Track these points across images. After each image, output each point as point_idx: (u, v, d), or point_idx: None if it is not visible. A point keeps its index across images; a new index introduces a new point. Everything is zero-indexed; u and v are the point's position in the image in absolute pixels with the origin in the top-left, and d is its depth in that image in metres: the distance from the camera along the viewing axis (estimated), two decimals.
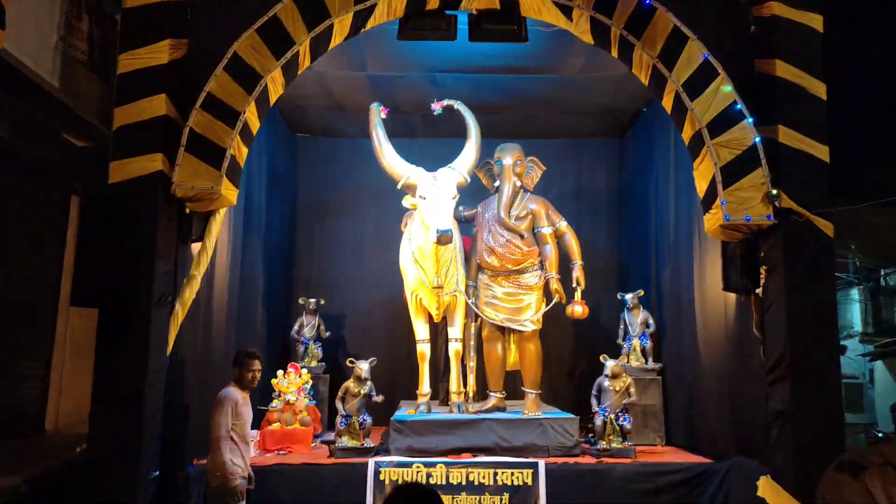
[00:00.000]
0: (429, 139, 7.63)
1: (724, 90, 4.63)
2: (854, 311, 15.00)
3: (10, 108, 4.76)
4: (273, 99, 4.93)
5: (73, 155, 5.70)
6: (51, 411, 5.98)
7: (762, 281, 4.66)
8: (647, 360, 6.41)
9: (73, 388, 6.06)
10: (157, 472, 4.39)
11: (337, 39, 4.92)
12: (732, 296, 5.08)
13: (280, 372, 6.03)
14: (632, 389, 5.57)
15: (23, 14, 4.35)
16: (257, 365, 4.25)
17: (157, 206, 4.42)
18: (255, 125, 4.85)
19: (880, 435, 10.56)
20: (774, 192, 4.50)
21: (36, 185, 5.72)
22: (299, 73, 4.98)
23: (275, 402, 5.88)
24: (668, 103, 4.94)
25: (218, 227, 4.87)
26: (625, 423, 5.45)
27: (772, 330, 4.58)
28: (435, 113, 5.96)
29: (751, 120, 4.60)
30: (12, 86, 4.47)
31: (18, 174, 5.41)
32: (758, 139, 4.57)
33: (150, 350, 4.30)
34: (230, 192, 4.68)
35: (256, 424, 5.85)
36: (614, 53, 4.99)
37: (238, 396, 4.18)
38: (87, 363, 5.15)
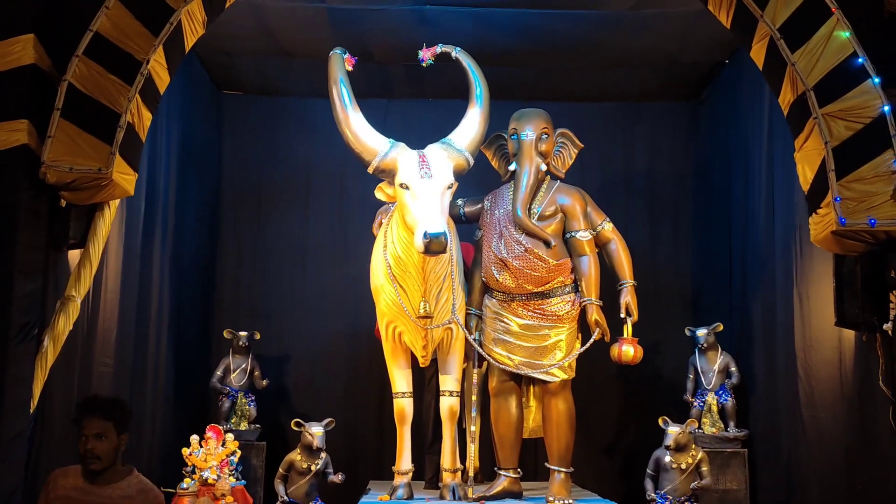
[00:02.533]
0: (414, 101, 7.69)
1: (839, 37, 4.69)
2: None
3: None
4: (190, 42, 4.99)
5: None
6: None
7: (893, 313, 4.71)
8: (727, 426, 6.45)
9: None
10: None
11: None
12: (850, 334, 5.13)
13: (194, 438, 6.03)
14: (704, 468, 5.60)
15: None
16: (88, 425, 3.39)
17: (18, 195, 4.43)
18: (163, 80, 4.90)
19: None
20: None
21: None
22: (228, 5, 5.04)
23: (186, 483, 5.89)
24: (758, 55, 5.01)
25: (107, 227, 4.90)
26: None
27: None
28: (424, 64, 5.98)
29: (878, 80, 4.65)
30: None
31: None
32: (887, 108, 4.63)
33: (5, 405, 4.31)
34: (125, 178, 4.72)
35: None
36: None
37: (68, 481, 3.45)
38: None
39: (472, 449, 6.16)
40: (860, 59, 4.66)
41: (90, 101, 4.58)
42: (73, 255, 4.85)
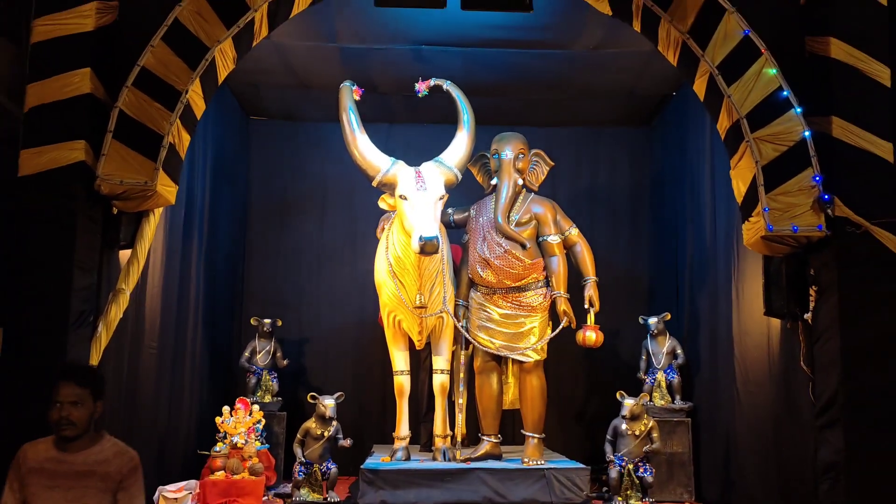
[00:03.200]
0: (411, 125, 7.68)
1: (767, 74, 4.72)
2: None
3: None
4: (222, 76, 4.97)
5: None
6: None
7: (812, 304, 4.72)
8: (673, 399, 6.46)
9: None
10: None
11: (302, 4, 4.97)
12: (777, 322, 5.15)
13: (225, 409, 6.03)
14: (654, 434, 5.61)
15: None
16: (64, 392, 2.80)
17: (77, 204, 4.42)
18: (199, 107, 4.89)
19: None
20: (827, 197, 4.57)
21: None
22: (255, 44, 5.03)
23: (219, 447, 5.88)
24: (700, 88, 5.02)
25: (152, 231, 4.88)
26: (645, 474, 5.49)
27: (823, 364, 4.63)
28: (420, 94, 6.01)
29: (800, 110, 4.68)
30: None
31: None
32: (808, 133, 4.65)
33: None
34: (167, 189, 4.71)
35: (196, 473, 5.87)
36: (637, 27, 5.07)
37: (39, 452, 2.84)
38: None
39: (460, 418, 6.19)
40: (785, 92, 4.69)
41: (138, 125, 4.57)
42: (123, 254, 4.84)
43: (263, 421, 6.21)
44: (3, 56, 5.32)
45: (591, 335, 5.81)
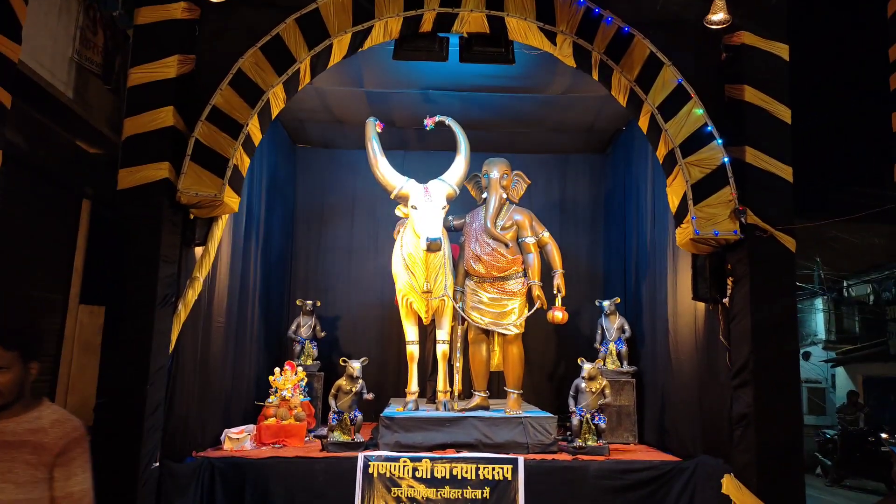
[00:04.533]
0: (421, 152, 7.66)
1: (696, 113, 4.71)
2: (818, 320, 15.18)
3: (27, 118, 4.77)
4: (275, 112, 4.96)
5: (85, 162, 5.71)
6: (58, 404, 5.96)
7: (729, 291, 4.71)
8: (622, 364, 6.44)
9: (80, 382, 6.05)
10: (157, 464, 4.38)
11: (336, 58, 4.96)
12: (702, 305, 5.13)
13: (277, 369, 6.03)
14: (607, 391, 5.60)
15: (41, 28, 4.37)
16: None
17: (162, 211, 4.42)
18: (257, 137, 4.88)
19: (828, 436, 10.60)
20: (741, 208, 4.56)
21: (49, 190, 5.72)
22: (300, 88, 5.02)
23: (271, 398, 5.88)
24: (644, 124, 5.01)
25: (220, 232, 4.88)
26: (600, 422, 5.48)
27: (737, 337, 4.63)
28: (427, 128, 5.99)
29: (720, 141, 4.67)
30: (29, 96, 4.48)
31: (33, 179, 5.41)
32: (726, 159, 4.65)
33: (153, 348, 4.30)
34: (232, 200, 4.70)
35: (254, 419, 5.87)
36: (595, 76, 5.05)
37: None
38: (94, 359, 5.14)
39: (457, 378, 6.17)
40: (709, 127, 4.69)
41: (209, 150, 4.57)
42: (198, 250, 4.84)
43: (306, 379, 6.22)
44: (108, 99, 5.32)
45: (558, 314, 5.80)
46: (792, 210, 4.68)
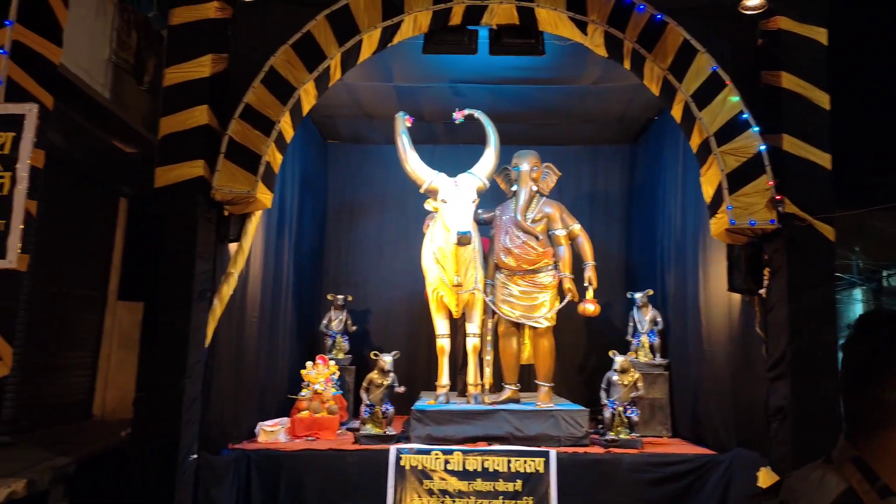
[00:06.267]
0: (450, 146, 7.65)
1: (731, 101, 4.61)
2: (857, 311, 14.82)
3: (66, 118, 4.89)
4: (306, 109, 4.98)
5: (122, 161, 5.84)
6: (98, 398, 6.13)
7: (766, 282, 4.62)
8: (654, 356, 6.37)
9: (118, 376, 6.21)
10: (195, 456, 4.47)
11: (366, 53, 4.97)
12: (737, 296, 5.04)
13: (309, 363, 6.09)
14: (640, 384, 5.54)
15: (78, 31, 4.47)
16: None
17: (197, 208, 4.47)
18: (288, 134, 4.91)
19: None
20: (778, 197, 4.47)
21: (88, 189, 5.87)
22: (330, 84, 5.03)
23: (304, 392, 5.95)
24: (677, 113, 4.93)
25: (254, 228, 4.93)
26: (632, 415, 5.43)
27: (774, 329, 4.54)
28: (456, 121, 5.98)
29: (756, 129, 4.57)
30: (67, 97, 4.59)
31: (72, 178, 5.55)
32: (763, 147, 4.55)
33: (190, 342, 4.37)
34: (265, 196, 4.75)
35: (287, 412, 5.95)
36: (627, 66, 4.98)
37: None
38: (132, 354, 5.26)
39: (488, 371, 6.15)
40: (745, 115, 4.59)
41: (243, 148, 4.61)
42: (232, 246, 4.90)
43: (337, 373, 6.26)
44: (143, 99, 5.42)
45: (589, 307, 5.76)
46: (831, 198, 4.55)
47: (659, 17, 4.69)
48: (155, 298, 4.44)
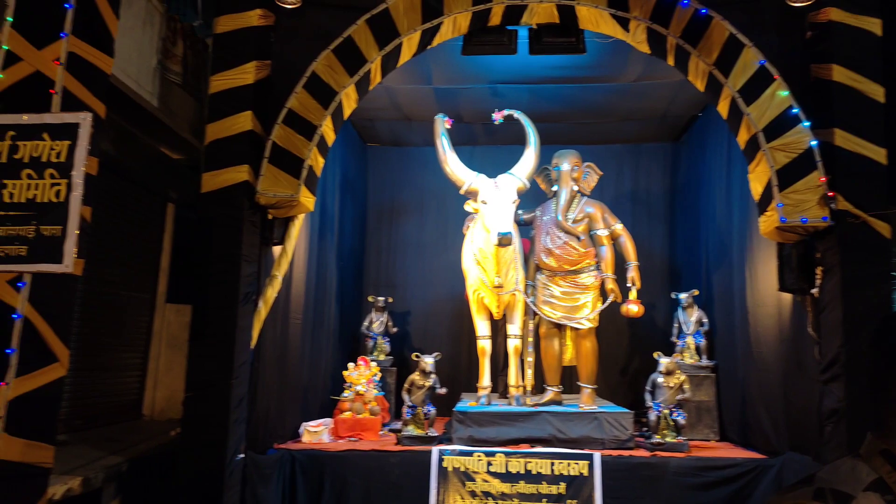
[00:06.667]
0: (489, 147, 7.64)
1: (780, 95, 4.49)
2: None
3: (115, 126, 5.03)
4: (347, 113, 5.03)
5: (169, 167, 5.99)
6: (147, 398, 6.29)
7: (818, 281, 4.48)
8: (701, 358, 6.23)
9: (166, 377, 6.37)
10: (243, 455, 4.54)
11: (405, 56, 5.00)
12: (787, 296, 4.90)
13: (351, 364, 6.15)
14: (686, 386, 5.44)
15: (127, 41, 4.60)
16: None
17: (243, 212, 4.56)
18: (330, 137, 4.96)
19: None
20: (830, 194, 4.33)
21: (136, 195, 6.03)
22: (371, 88, 5.07)
23: (346, 393, 6.00)
24: (723, 109, 4.82)
25: (297, 231, 4.99)
26: (679, 418, 5.33)
27: (828, 329, 4.41)
28: (496, 122, 5.96)
29: (807, 124, 4.44)
30: (116, 106, 4.72)
31: (121, 184, 5.71)
32: (814, 143, 4.41)
33: (237, 344, 4.45)
34: (308, 200, 4.81)
35: (330, 413, 6.01)
36: (670, 62, 4.90)
37: None
38: (180, 355, 5.38)
39: (529, 373, 6.12)
40: (795, 110, 4.46)
41: (286, 152, 4.68)
42: (276, 249, 4.97)
43: (379, 374, 6.30)
44: (189, 106, 5.54)
45: (633, 308, 5.67)
46: (886, 194, 4.40)
47: (703, 11, 4.59)
48: (202, 301, 4.53)
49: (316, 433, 5.53)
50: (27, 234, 2.92)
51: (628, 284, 5.75)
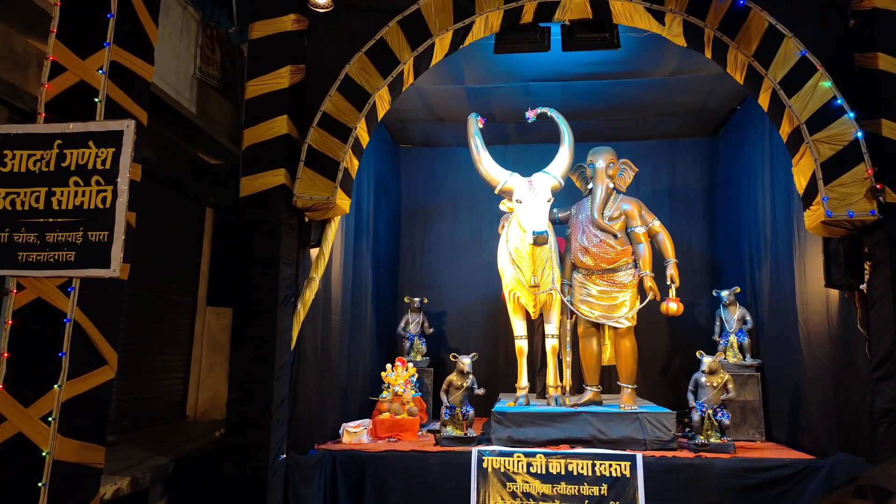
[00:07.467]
0: (523, 145, 7.61)
1: (822, 86, 4.38)
2: None
3: (154, 133, 5.16)
4: (381, 114, 5.07)
5: (208, 172, 6.12)
6: (191, 400, 6.43)
7: (867, 277, 4.36)
8: (744, 357, 6.11)
9: (208, 378, 6.50)
10: (285, 455, 4.61)
11: (438, 56, 5.02)
12: (835, 292, 4.78)
13: (389, 366, 6.18)
14: (730, 385, 5.33)
15: (165, 49, 4.71)
16: None
17: (281, 215, 4.63)
18: (364, 139, 5.01)
19: None
20: (878, 186, 4.21)
21: (175, 200, 6.17)
22: (404, 89, 5.10)
23: (384, 394, 6.04)
24: (764, 101, 4.72)
25: (333, 233, 5.05)
26: (723, 418, 5.22)
27: (878, 326, 4.28)
28: (529, 121, 5.92)
29: (852, 115, 4.32)
30: (156, 113, 4.85)
31: (161, 190, 5.85)
32: (860, 134, 4.30)
33: (277, 346, 4.52)
34: (344, 202, 4.86)
35: (369, 414, 6.06)
36: (708, 54, 4.82)
37: None
38: (221, 357, 5.48)
39: (567, 373, 6.07)
40: (839, 101, 4.35)
41: (321, 155, 4.74)
42: (313, 251, 5.03)
43: (416, 375, 6.33)
44: (226, 112, 5.65)
45: (672, 306, 5.57)
46: None
47: (741, 2, 4.51)
48: (243, 304, 4.62)
49: (355, 434, 5.58)
50: (75, 240, 3.02)
51: (667, 282, 5.67)
